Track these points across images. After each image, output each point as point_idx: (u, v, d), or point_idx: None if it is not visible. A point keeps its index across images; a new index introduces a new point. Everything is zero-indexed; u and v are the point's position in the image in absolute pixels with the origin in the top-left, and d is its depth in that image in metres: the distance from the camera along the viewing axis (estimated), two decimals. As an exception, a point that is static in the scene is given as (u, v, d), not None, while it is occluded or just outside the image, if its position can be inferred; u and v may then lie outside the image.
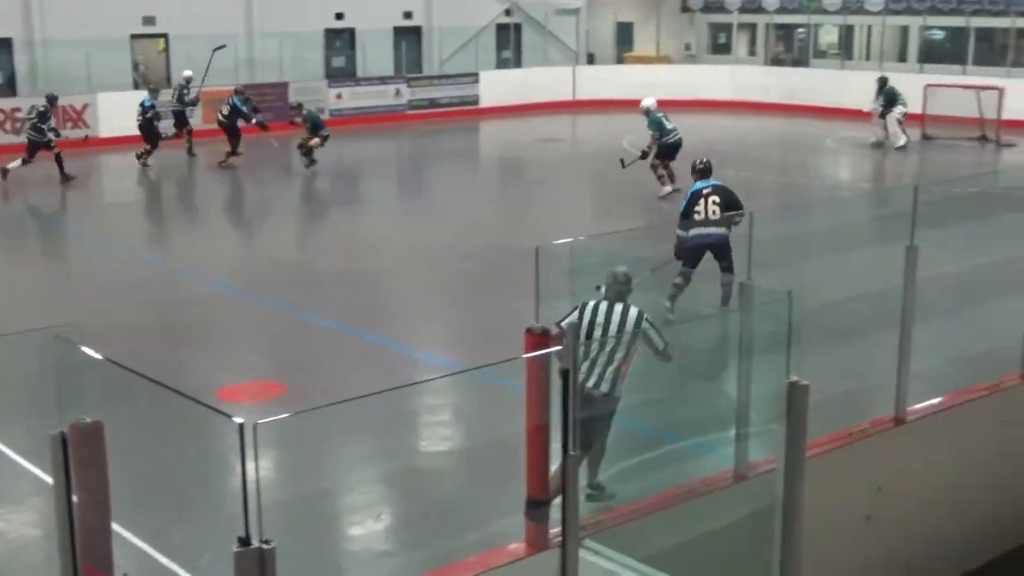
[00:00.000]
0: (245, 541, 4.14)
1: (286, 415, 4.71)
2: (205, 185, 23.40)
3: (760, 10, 35.86)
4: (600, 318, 7.63)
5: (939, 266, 10.09)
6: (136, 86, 27.97)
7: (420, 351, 11.88)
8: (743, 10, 36.21)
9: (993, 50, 31.73)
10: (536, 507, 6.36)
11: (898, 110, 25.79)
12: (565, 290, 6.62)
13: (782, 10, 35.41)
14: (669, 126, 19.37)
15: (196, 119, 24.88)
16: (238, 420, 3.97)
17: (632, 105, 31.67)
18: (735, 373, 7.38)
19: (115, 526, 4.12)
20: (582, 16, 36.17)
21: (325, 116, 26.60)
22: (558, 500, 5.96)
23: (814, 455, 7.19)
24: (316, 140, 22.70)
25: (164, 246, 17.87)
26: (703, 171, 12.90)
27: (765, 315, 7.31)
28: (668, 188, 19.32)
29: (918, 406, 8.50)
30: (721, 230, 12.11)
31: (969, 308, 12.14)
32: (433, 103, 32.16)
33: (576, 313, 7.68)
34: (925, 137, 26.91)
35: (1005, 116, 26.66)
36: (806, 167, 24.87)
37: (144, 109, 23.38)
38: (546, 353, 6.20)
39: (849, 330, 11.37)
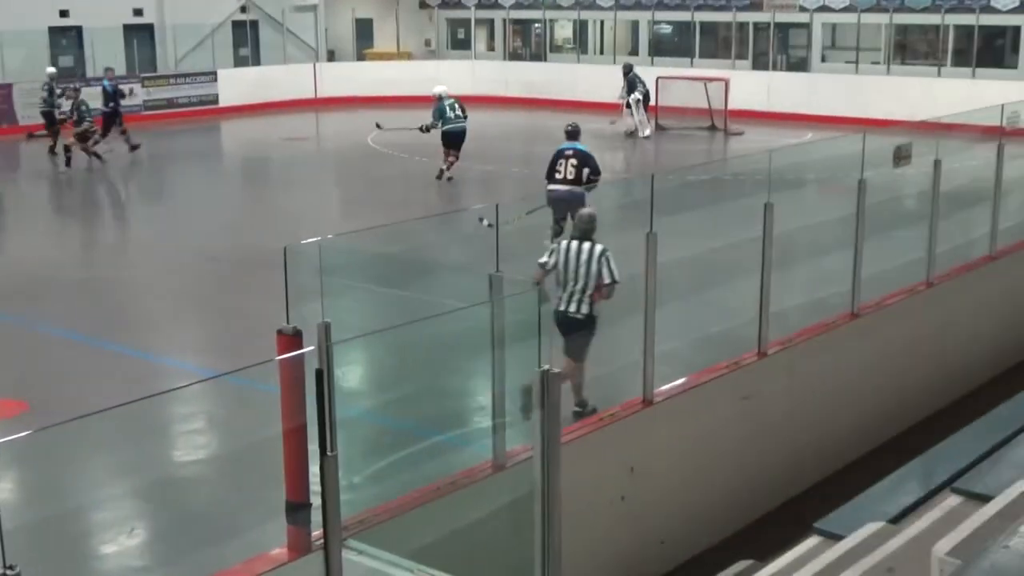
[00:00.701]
0: (-11, 569, 3.96)
1: (26, 433, 4.49)
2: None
3: (497, 6, 36.41)
4: (572, 254, 9.30)
5: (677, 251, 10.45)
6: None
7: (169, 358, 11.55)
8: (480, 6, 36.68)
9: (717, 43, 33.24)
10: (296, 510, 6.28)
11: (633, 96, 26.69)
12: (315, 290, 6.54)
13: (518, 5, 36.07)
14: (451, 115, 19.83)
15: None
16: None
17: (374, 101, 31.82)
18: (489, 364, 7.47)
19: None
20: (320, 13, 35.83)
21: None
22: (318, 503, 5.90)
23: (569, 440, 7.38)
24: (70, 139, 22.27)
25: None
26: (570, 134, 14.94)
27: (515, 306, 7.43)
28: (444, 166, 20.02)
29: (665, 387, 8.79)
30: (574, 187, 13.83)
31: (707, 290, 12.65)
32: (171, 103, 31.22)
33: (553, 255, 9.39)
34: (659, 127, 27.98)
35: (731, 106, 28.04)
36: (546, 159, 25.27)
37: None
38: (300, 354, 6.12)
39: (599, 317, 11.67)
